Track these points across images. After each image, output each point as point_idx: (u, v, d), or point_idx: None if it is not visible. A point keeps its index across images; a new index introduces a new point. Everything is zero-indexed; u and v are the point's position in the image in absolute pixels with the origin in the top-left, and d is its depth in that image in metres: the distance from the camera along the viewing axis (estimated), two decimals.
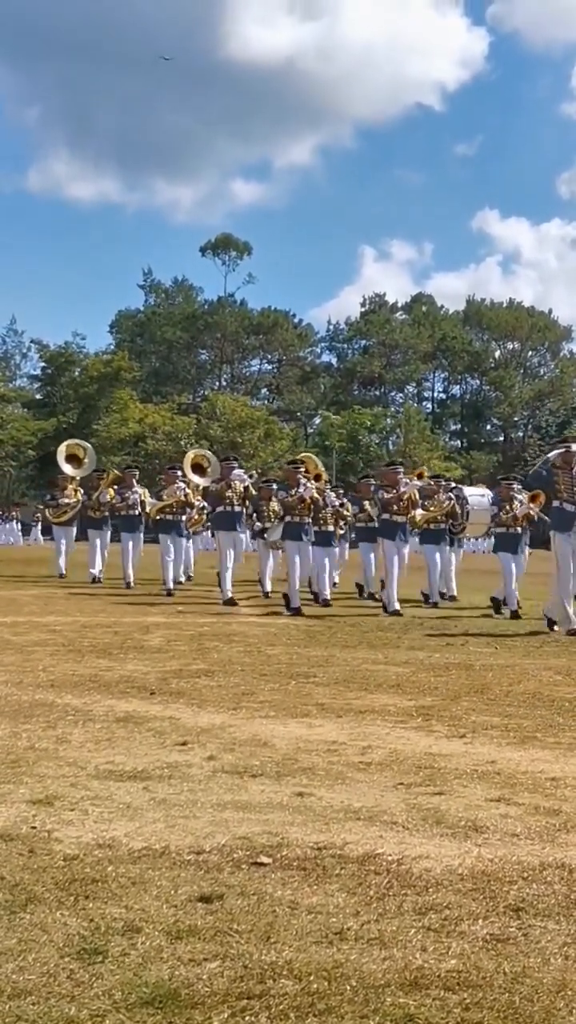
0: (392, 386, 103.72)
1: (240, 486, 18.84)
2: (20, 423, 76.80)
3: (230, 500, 18.71)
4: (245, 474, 19.61)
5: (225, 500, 18.75)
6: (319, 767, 6.32)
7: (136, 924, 3.82)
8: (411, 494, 18.25)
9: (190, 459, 22.90)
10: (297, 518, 17.94)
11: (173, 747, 6.78)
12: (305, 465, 20.16)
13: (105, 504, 24.25)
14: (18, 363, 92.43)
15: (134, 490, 23.18)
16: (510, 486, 18.28)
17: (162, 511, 20.71)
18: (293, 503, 17.85)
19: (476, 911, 4.04)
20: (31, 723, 7.42)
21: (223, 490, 18.75)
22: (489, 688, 9.55)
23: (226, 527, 18.96)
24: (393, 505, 17.99)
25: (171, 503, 20.64)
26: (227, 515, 18.85)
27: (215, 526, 20.01)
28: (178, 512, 20.82)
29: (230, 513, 18.81)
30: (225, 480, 18.86)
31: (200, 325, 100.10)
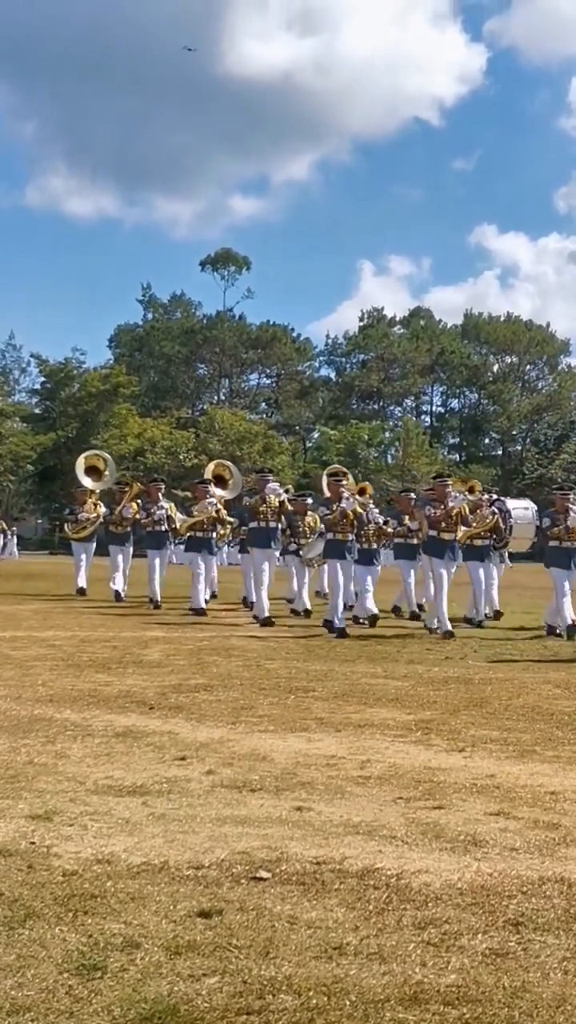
0: (390, 400, 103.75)
1: (275, 500, 17.81)
2: (19, 438, 76.85)
3: (264, 515, 17.75)
4: (281, 487, 18.66)
5: (259, 515, 17.78)
6: (318, 781, 6.31)
7: (135, 940, 3.82)
8: (460, 509, 16.85)
9: (211, 470, 22.02)
10: (340, 535, 16.81)
11: (172, 762, 6.77)
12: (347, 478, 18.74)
13: (128, 519, 22.91)
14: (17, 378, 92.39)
15: (160, 504, 21.72)
16: (566, 497, 16.98)
17: (193, 528, 19.75)
18: (335, 519, 16.73)
19: (475, 925, 4.04)
20: (30, 738, 7.41)
21: (257, 504, 17.77)
22: (488, 702, 9.54)
23: (261, 544, 17.92)
24: (442, 522, 16.59)
25: (202, 519, 19.67)
26: (262, 531, 17.86)
27: (249, 542, 18.72)
28: (209, 529, 19.88)
29: (265, 529, 17.83)
30: (260, 494, 17.81)
31: (199, 340, 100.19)
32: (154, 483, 23.05)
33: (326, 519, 16.83)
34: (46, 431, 77.89)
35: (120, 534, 23.20)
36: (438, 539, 16.65)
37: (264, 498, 17.65)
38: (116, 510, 23.06)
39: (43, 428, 78.95)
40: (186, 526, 19.82)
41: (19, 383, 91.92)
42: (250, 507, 17.96)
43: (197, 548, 19.69)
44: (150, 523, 21.51)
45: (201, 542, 19.74)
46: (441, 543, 16.64)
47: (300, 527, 20.21)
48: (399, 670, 11.76)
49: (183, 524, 19.95)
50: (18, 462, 76.23)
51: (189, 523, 19.75)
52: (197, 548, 19.69)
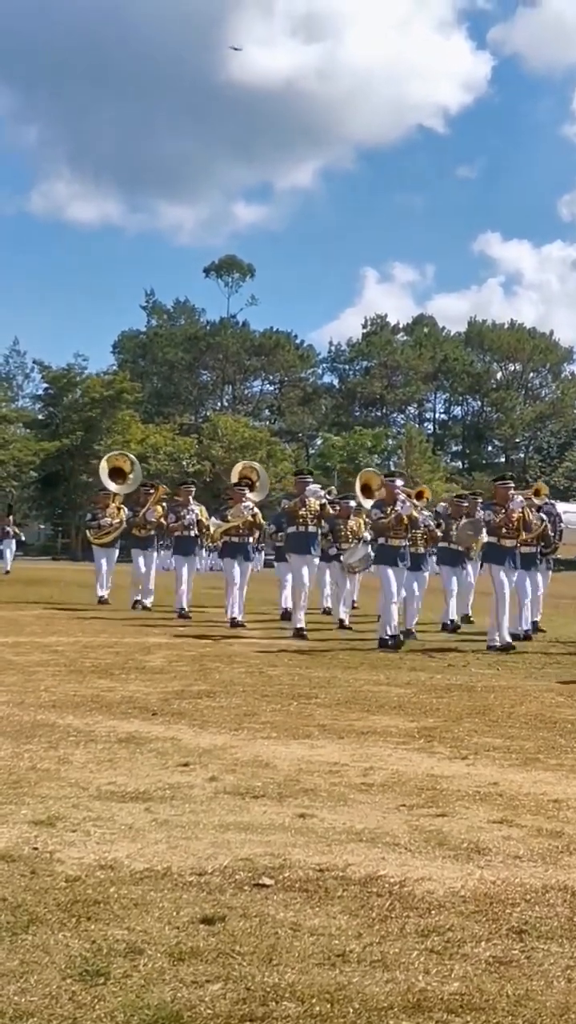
0: (393, 407, 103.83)
1: (316, 504, 16.91)
2: (22, 444, 76.97)
3: (304, 519, 16.89)
4: (322, 490, 17.71)
5: (299, 519, 16.91)
6: (321, 788, 6.30)
7: (138, 946, 3.81)
8: (523, 514, 15.91)
9: (238, 471, 20.97)
10: (393, 540, 15.62)
11: (175, 768, 6.77)
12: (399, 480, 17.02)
13: (152, 522, 21.80)
14: (20, 384, 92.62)
15: (191, 508, 20.54)
16: None
17: (228, 533, 18.74)
18: (389, 523, 15.49)
19: (479, 933, 4.04)
20: (33, 743, 7.41)
21: (296, 508, 16.90)
22: (491, 710, 9.53)
23: (300, 550, 16.97)
24: (503, 527, 15.55)
25: (237, 524, 18.61)
26: (301, 536, 16.93)
27: (287, 548, 17.72)
28: (244, 534, 18.84)
29: (304, 534, 16.91)
30: (300, 497, 16.88)
31: (202, 346, 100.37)
32: (185, 485, 21.98)
33: (380, 523, 15.59)
34: (49, 437, 77.99)
35: (144, 538, 22.19)
36: (499, 546, 15.68)
37: (304, 501, 16.85)
38: (140, 513, 22.06)
39: (46, 434, 79.06)
40: (220, 531, 18.91)
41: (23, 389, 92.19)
42: (289, 511, 17.20)
43: (232, 554, 18.93)
44: (179, 527, 20.43)
45: (237, 547, 18.93)
46: (501, 550, 15.64)
47: (342, 532, 19.41)
48: (402, 677, 11.75)
49: (217, 529, 19.02)
50: (21, 468, 76.35)
51: (224, 528, 18.76)
52: (232, 554, 18.93)
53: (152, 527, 21.95)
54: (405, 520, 15.55)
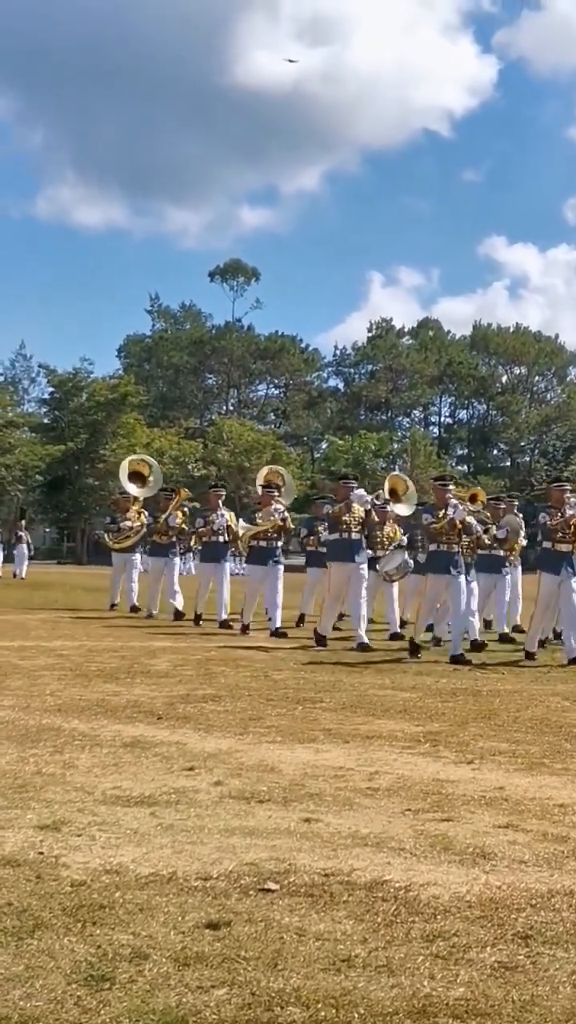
0: (398, 411, 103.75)
1: (361, 510, 16.05)
2: (28, 448, 77.01)
3: (347, 526, 15.96)
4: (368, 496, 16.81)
5: (342, 526, 15.98)
6: (326, 793, 6.30)
7: (143, 951, 3.81)
8: None
9: (263, 476, 20.17)
10: (445, 546, 14.76)
11: (180, 772, 6.77)
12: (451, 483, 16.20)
13: (174, 528, 20.97)
14: (26, 388, 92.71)
15: (219, 512, 19.66)
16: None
17: (256, 537, 17.83)
18: (442, 529, 14.67)
19: (484, 938, 4.03)
20: (38, 748, 7.41)
21: (340, 513, 16.00)
22: (497, 714, 9.53)
23: (342, 557, 16.03)
24: (559, 531, 14.57)
25: (267, 528, 17.72)
26: (344, 543, 15.99)
27: (329, 556, 16.62)
28: (274, 538, 17.91)
29: (347, 541, 15.96)
30: (344, 502, 16.02)
31: (207, 350, 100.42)
32: (214, 489, 20.79)
33: (432, 528, 14.80)
34: (55, 441, 78.00)
35: (165, 544, 21.24)
36: (552, 551, 14.66)
37: (348, 507, 15.97)
38: (161, 519, 21.20)
39: (52, 438, 79.07)
40: (249, 535, 17.94)
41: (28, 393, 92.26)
42: (332, 516, 16.26)
43: (261, 560, 17.90)
44: (208, 533, 19.56)
45: (265, 553, 17.87)
46: (557, 555, 14.57)
47: (378, 537, 18.58)
48: (407, 681, 11.75)
49: (246, 533, 18.01)
50: (27, 472, 76.39)
51: (252, 532, 17.85)
52: (261, 560, 17.90)
53: (174, 533, 21.19)
54: (459, 525, 14.77)
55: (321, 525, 18.92)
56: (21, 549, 39.15)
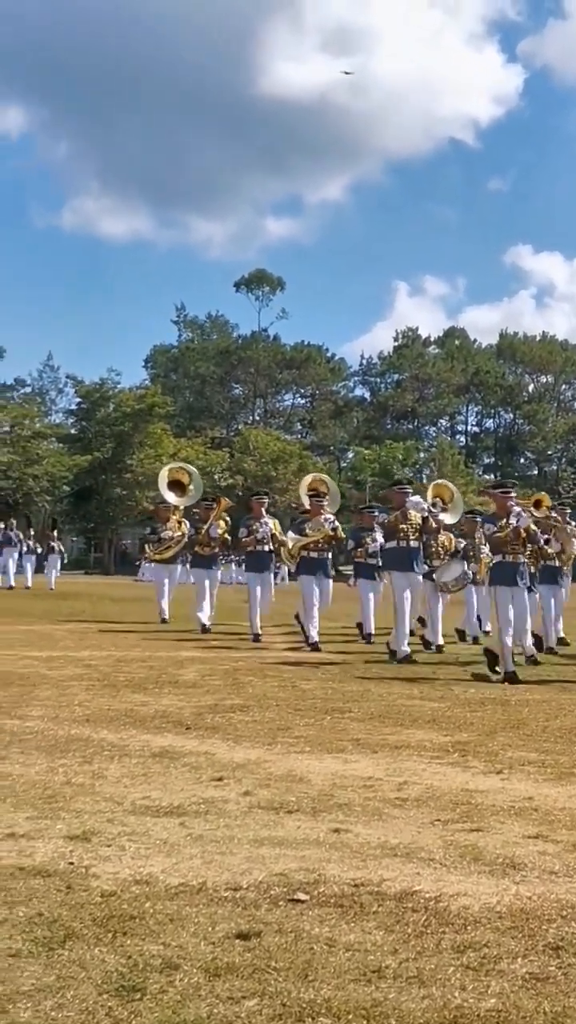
0: (425, 420, 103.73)
1: (418, 518, 15.58)
2: (56, 458, 77.25)
3: (404, 534, 15.52)
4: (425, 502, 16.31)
5: (399, 533, 15.54)
6: (355, 803, 6.29)
7: (174, 961, 3.81)
8: None
9: (307, 484, 19.58)
10: (510, 556, 13.86)
11: (209, 782, 6.77)
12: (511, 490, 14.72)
13: (215, 539, 20.09)
14: (53, 399, 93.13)
15: (264, 521, 18.89)
16: None
17: (306, 548, 17.21)
18: (506, 538, 13.78)
19: (515, 949, 4.02)
20: (68, 758, 7.43)
21: (396, 522, 15.58)
22: (525, 723, 9.50)
23: (401, 566, 15.60)
24: None
25: (316, 538, 17.14)
26: (402, 552, 15.56)
27: (387, 565, 16.35)
28: (324, 549, 17.31)
29: (406, 549, 15.53)
30: (400, 509, 15.57)
31: (233, 360, 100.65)
32: (257, 497, 20.13)
33: (495, 537, 13.93)
34: (82, 451, 78.23)
35: (207, 556, 20.45)
36: None
37: (405, 514, 15.52)
38: (202, 529, 20.23)
39: (79, 448, 79.32)
40: (298, 546, 17.29)
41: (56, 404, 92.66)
42: (388, 525, 15.86)
43: (311, 570, 17.29)
44: (252, 542, 18.75)
45: (315, 564, 17.29)
46: None
47: (433, 547, 17.76)
48: (435, 691, 11.72)
49: (295, 544, 17.35)
50: (54, 482, 76.63)
51: (302, 543, 17.24)
52: (311, 570, 17.29)
53: (216, 544, 20.37)
54: (523, 534, 13.89)
55: (368, 535, 18.88)
56: (53, 559, 39.13)
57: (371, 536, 18.87)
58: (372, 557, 18.86)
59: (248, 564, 19.71)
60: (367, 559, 19.05)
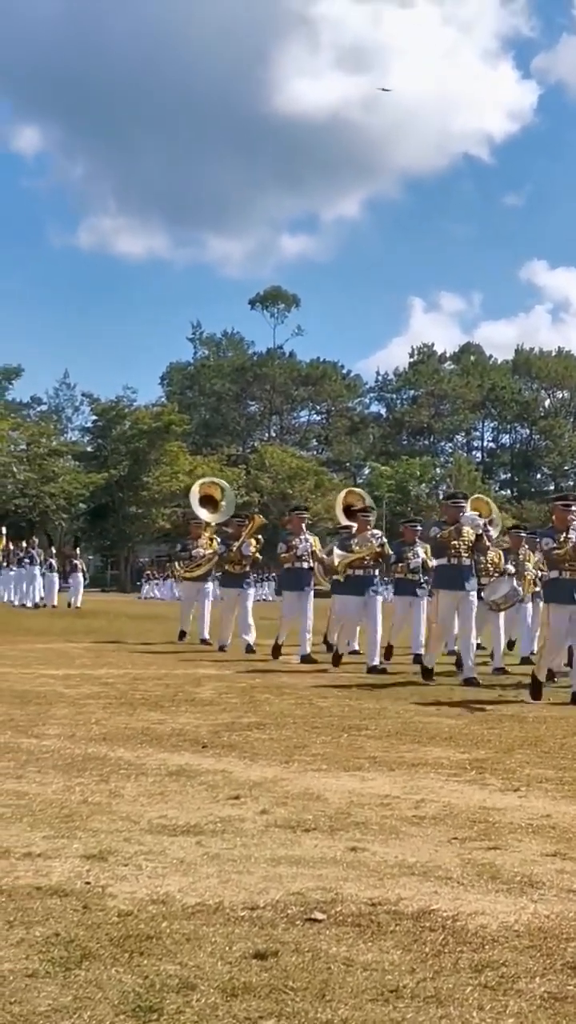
0: (441, 436, 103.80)
1: (472, 534, 14.70)
2: (72, 476, 77.47)
3: (456, 551, 14.62)
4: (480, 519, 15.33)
5: (451, 550, 14.63)
6: (372, 821, 6.28)
7: (191, 981, 3.80)
8: None
9: (343, 499, 19.36)
10: (569, 573, 13.00)
11: (226, 801, 6.76)
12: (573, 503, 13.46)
13: (248, 557, 19.60)
14: (70, 416, 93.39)
15: (303, 537, 18.10)
16: None
17: (352, 565, 16.24)
18: (566, 554, 12.91)
19: (533, 969, 4.00)
20: (84, 777, 7.42)
21: (449, 538, 14.58)
22: (543, 740, 9.47)
23: (452, 584, 14.67)
24: None
25: (364, 555, 16.15)
26: (452, 569, 14.68)
27: (435, 583, 15.34)
28: (370, 566, 16.36)
29: (457, 567, 14.65)
30: (454, 525, 14.59)
31: (249, 377, 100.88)
32: (298, 512, 19.16)
33: (553, 555, 13.11)
34: (98, 469, 78.45)
35: (238, 574, 19.77)
36: None
37: (460, 530, 14.60)
38: (234, 546, 19.58)
39: (95, 466, 79.56)
40: (344, 563, 16.27)
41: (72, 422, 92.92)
42: (441, 540, 14.76)
43: (357, 590, 16.35)
44: (291, 559, 17.96)
45: (362, 582, 16.30)
46: None
47: (482, 563, 17.19)
48: (452, 708, 11.69)
49: (342, 561, 16.30)
50: (71, 500, 76.83)
51: (349, 559, 16.22)
52: (357, 590, 16.35)
53: (248, 562, 19.81)
54: None
55: (410, 550, 18.43)
56: (76, 578, 39.07)
57: (412, 551, 18.51)
58: (413, 573, 18.48)
59: (284, 581, 18.86)
60: (407, 575, 18.61)
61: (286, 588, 18.60)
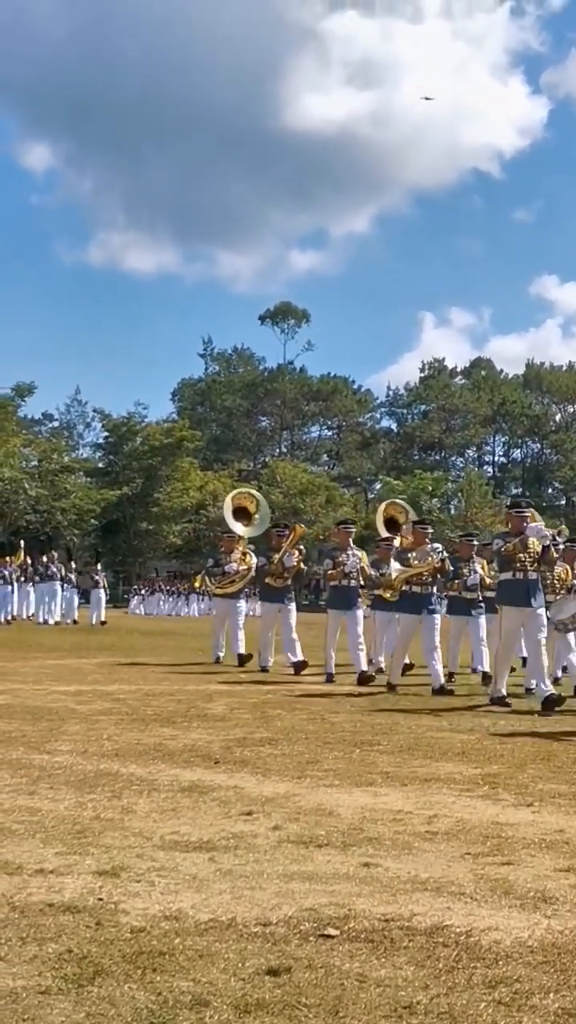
0: (452, 451, 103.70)
1: (538, 546, 13.61)
2: (83, 492, 77.59)
3: (522, 564, 13.57)
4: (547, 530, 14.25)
5: (516, 563, 13.58)
6: (385, 837, 6.27)
7: (204, 997, 3.80)
8: None
9: (384, 511, 18.77)
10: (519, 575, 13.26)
11: (238, 817, 6.75)
12: None
13: (290, 569, 18.44)
14: (81, 433, 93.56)
15: (351, 552, 17.18)
16: None
17: (409, 581, 15.39)
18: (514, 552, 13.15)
19: (547, 984, 3.99)
20: (96, 793, 7.42)
21: (515, 551, 13.53)
22: (556, 755, 9.44)
23: (516, 600, 13.61)
24: None
25: (423, 570, 15.29)
26: (518, 584, 13.59)
27: (500, 599, 14.18)
28: (429, 582, 15.50)
29: (523, 582, 13.56)
30: (520, 537, 13.57)
31: (260, 392, 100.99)
32: (344, 525, 18.38)
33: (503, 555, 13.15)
34: (109, 485, 78.58)
35: (279, 588, 18.55)
36: None
37: (525, 542, 13.56)
38: (275, 558, 18.37)
39: (107, 482, 79.69)
40: (400, 578, 15.48)
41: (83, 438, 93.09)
42: (506, 553, 13.68)
43: (414, 608, 15.44)
44: (338, 575, 17.05)
45: (420, 600, 15.40)
46: None
47: (548, 579, 15.77)
48: (464, 723, 11.67)
49: (399, 576, 15.50)
50: (82, 516, 76.92)
51: (405, 574, 15.37)
52: (414, 608, 15.44)
53: (291, 574, 18.69)
54: None
55: (466, 566, 17.27)
56: (98, 593, 38.97)
57: (469, 567, 17.38)
58: (470, 591, 17.32)
59: (331, 600, 17.63)
60: (463, 592, 17.40)
61: (333, 607, 17.41)
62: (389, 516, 18.42)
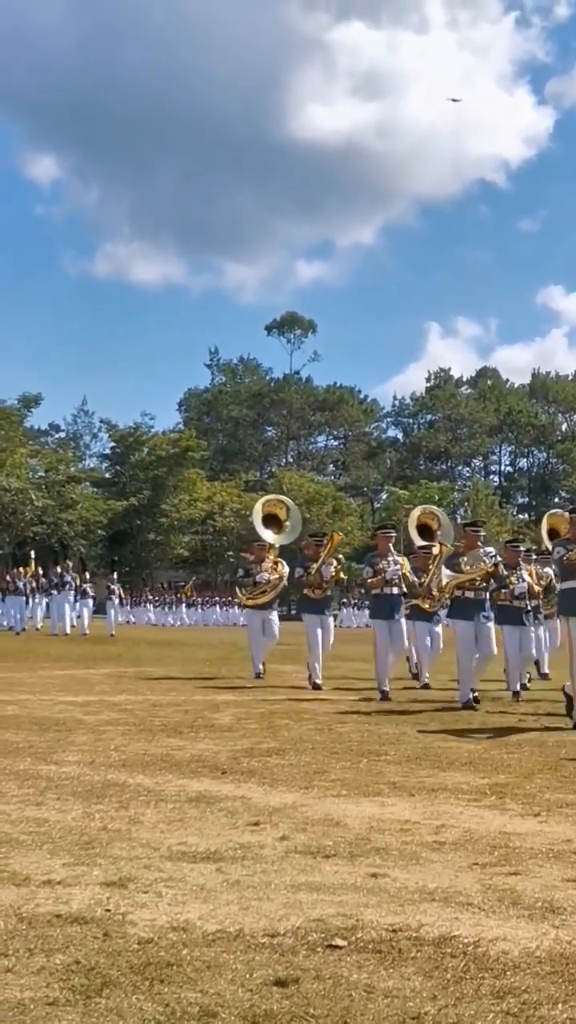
0: (458, 460, 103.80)
1: None
2: (90, 503, 77.65)
3: None
4: None
5: None
6: (392, 847, 6.26)
7: (212, 1009, 3.79)
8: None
9: (416, 518, 18.33)
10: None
11: (245, 827, 6.74)
12: None
13: (328, 580, 17.77)
14: (88, 443, 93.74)
15: (391, 559, 16.32)
16: None
17: (461, 587, 14.74)
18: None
19: (555, 995, 3.97)
20: (103, 803, 7.42)
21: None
22: (563, 765, 9.42)
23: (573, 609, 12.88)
24: None
25: (474, 576, 14.57)
26: None
27: (561, 608, 13.54)
28: (482, 588, 14.76)
29: None
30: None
31: (266, 403, 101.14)
32: (384, 531, 17.45)
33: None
34: (116, 496, 78.65)
35: (319, 600, 17.97)
36: None
37: None
38: (313, 568, 17.64)
39: (113, 493, 79.77)
40: (451, 585, 14.92)
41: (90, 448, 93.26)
42: (567, 562, 12.84)
43: (466, 614, 14.74)
44: (379, 583, 16.09)
45: (472, 605, 14.72)
46: None
47: None
48: (471, 733, 11.64)
49: (450, 582, 14.94)
50: (89, 527, 76.97)
51: (457, 580, 14.71)
52: (466, 614, 14.74)
53: (329, 585, 18.08)
54: None
55: (513, 574, 16.02)
56: (112, 603, 38.91)
57: (517, 575, 16.21)
58: (518, 599, 16.22)
59: (373, 609, 16.73)
60: (512, 601, 16.20)
61: (375, 617, 16.50)
62: (422, 523, 17.94)
